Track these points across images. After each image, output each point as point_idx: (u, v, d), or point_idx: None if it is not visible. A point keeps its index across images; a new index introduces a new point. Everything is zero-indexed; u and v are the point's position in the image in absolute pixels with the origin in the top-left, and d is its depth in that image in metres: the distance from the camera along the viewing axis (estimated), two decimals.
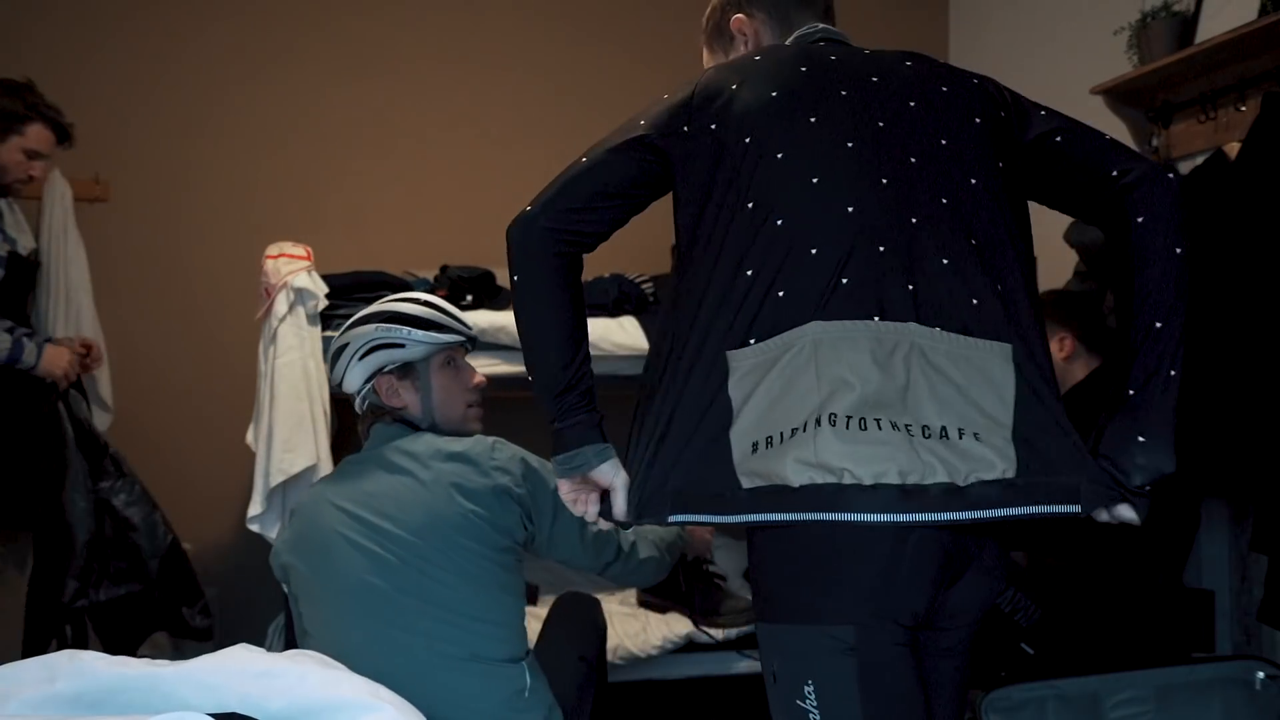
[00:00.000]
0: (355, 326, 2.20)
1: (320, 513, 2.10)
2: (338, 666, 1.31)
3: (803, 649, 1.45)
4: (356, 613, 2.01)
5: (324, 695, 1.19)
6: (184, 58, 3.89)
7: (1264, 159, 2.47)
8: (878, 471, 1.37)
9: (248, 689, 1.20)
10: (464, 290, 3.43)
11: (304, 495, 2.18)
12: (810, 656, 1.45)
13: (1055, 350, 2.77)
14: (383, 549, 2.01)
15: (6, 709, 1.18)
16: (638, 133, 1.61)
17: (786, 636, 1.47)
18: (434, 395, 2.18)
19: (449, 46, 4.07)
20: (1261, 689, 2.38)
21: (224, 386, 3.81)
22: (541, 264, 1.62)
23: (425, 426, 2.18)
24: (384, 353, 2.16)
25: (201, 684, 1.19)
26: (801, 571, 1.46)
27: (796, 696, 1.44)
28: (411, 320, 2.16)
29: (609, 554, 2.18)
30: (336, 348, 2.22)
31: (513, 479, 2.06)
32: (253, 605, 3.74)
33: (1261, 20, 2.63)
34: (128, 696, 1.20)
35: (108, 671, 1.22)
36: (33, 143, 3.12)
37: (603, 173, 1.61)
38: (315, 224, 3.84)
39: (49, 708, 1.19)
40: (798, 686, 1.45)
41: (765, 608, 1.51)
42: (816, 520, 1.38)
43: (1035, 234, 1.69)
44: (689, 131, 1.59)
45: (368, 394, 2.21)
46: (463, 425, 2.21)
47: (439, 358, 2.20)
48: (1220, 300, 2.53)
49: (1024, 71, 3.89)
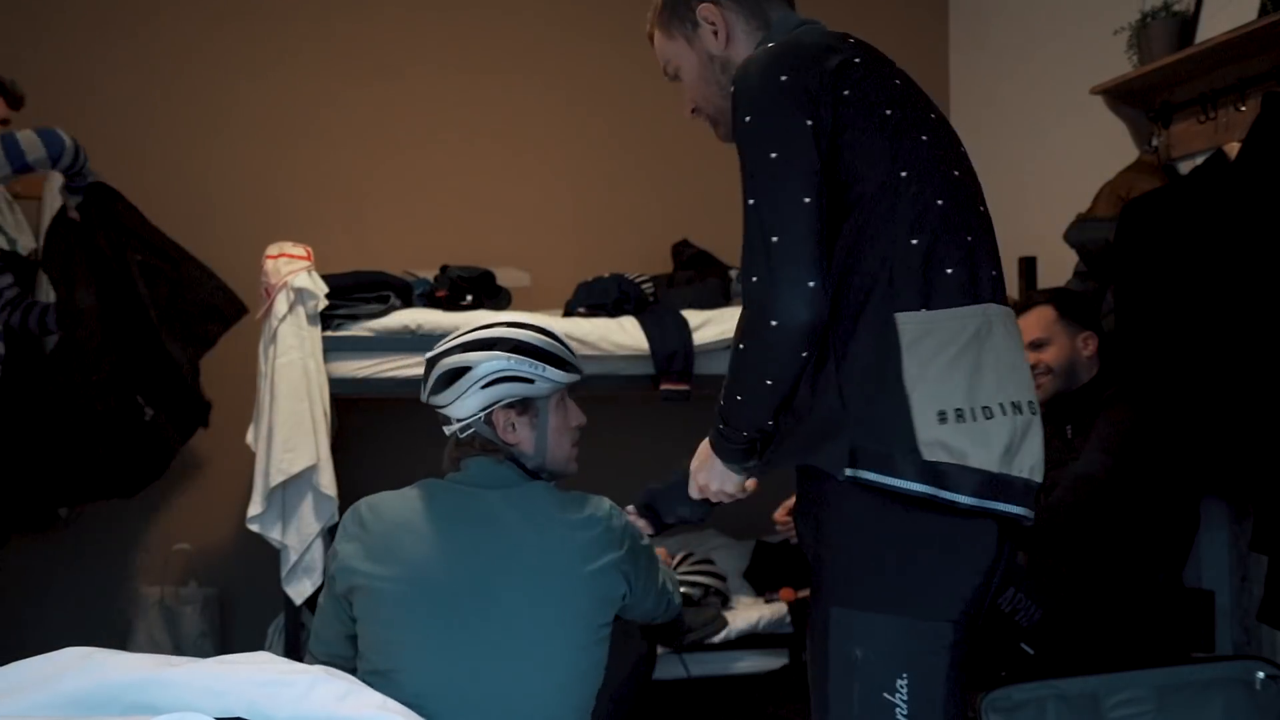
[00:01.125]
0: (474, 350, 2.01)
1: (416, 543, 1.93)
2: (350, 680, 1.30)
3: (902, 641, 1.44)
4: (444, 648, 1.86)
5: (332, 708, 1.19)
6: (184, 59, 3.89)
7: (1264, 159, 2.47)
8: (1031, 465, 1.50)
9: (255, 696, 1.19)
10: (464, 290, 3.43)
11: (387, 508, 1.99)
12: (909, 650, 1.44)
13: (1080, 348, 2.78)
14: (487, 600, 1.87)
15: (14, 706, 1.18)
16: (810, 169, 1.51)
17: (883, 626, 1.45)
18: (549, 435, 2.04)
19: (449, 48, 4.07)
20: (1261, 689, 2.38)
21: (224, 387, 3.80)
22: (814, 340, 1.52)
23: (533, 466, 2.03)
24: (511, 385, 1.99)
25: (208, 688, 1.19)
26: (922, 560, 1.46)
27: (885, 689, 1.43)
28: (546, 357, 2.01)
29: (665, 604, 2.12)
30: (452, 369, 2.02)
31: (628, 549, 1.96)
32: (253, 605, 3.74)
33: (1261, 20, 2.63)
34: (134, 697, 1.20)
35: (115, 672, 1.22)
36: None
37: (818, 217, 1.50)
38: (315, 224, 3.83)
39: (55, 706, 1.19)
40: (889, 679, 1.43)
41: (858, 592, 1.46)
42: (989, 509, 1.45)
43: (1034, 233, 1.72)
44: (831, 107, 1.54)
45: (477, 424, 2.02)
46: (566, 466, 2.08)
47: (557, 395, 2.05)
48: (1220, 300, 2.53)
49: (1024, 71, 3.89)
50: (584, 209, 4.11)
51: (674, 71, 1.83)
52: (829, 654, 1.47)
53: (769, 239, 1.48)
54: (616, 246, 3.91)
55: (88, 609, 3.74)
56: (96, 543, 3.77)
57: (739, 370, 1.56)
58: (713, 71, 1.78)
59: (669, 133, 3.97)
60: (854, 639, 1.45)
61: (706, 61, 1.78)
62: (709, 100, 1.79)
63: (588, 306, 3.43)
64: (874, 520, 1.47)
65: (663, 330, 3.32)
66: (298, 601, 3.12)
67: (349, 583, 1.92)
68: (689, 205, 4.09)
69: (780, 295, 1.46)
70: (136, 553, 3.77)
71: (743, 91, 1.57)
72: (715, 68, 1.77)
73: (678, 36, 1.80)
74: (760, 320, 1.49)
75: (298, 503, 3.11)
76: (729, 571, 3.66)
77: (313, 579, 3.11)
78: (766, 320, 1.48)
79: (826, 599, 1.49)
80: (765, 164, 1.51)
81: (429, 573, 1.89)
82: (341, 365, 3.23)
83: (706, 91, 1.79)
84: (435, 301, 3.39)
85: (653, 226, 4.06)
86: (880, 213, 1.52)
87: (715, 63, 1.78)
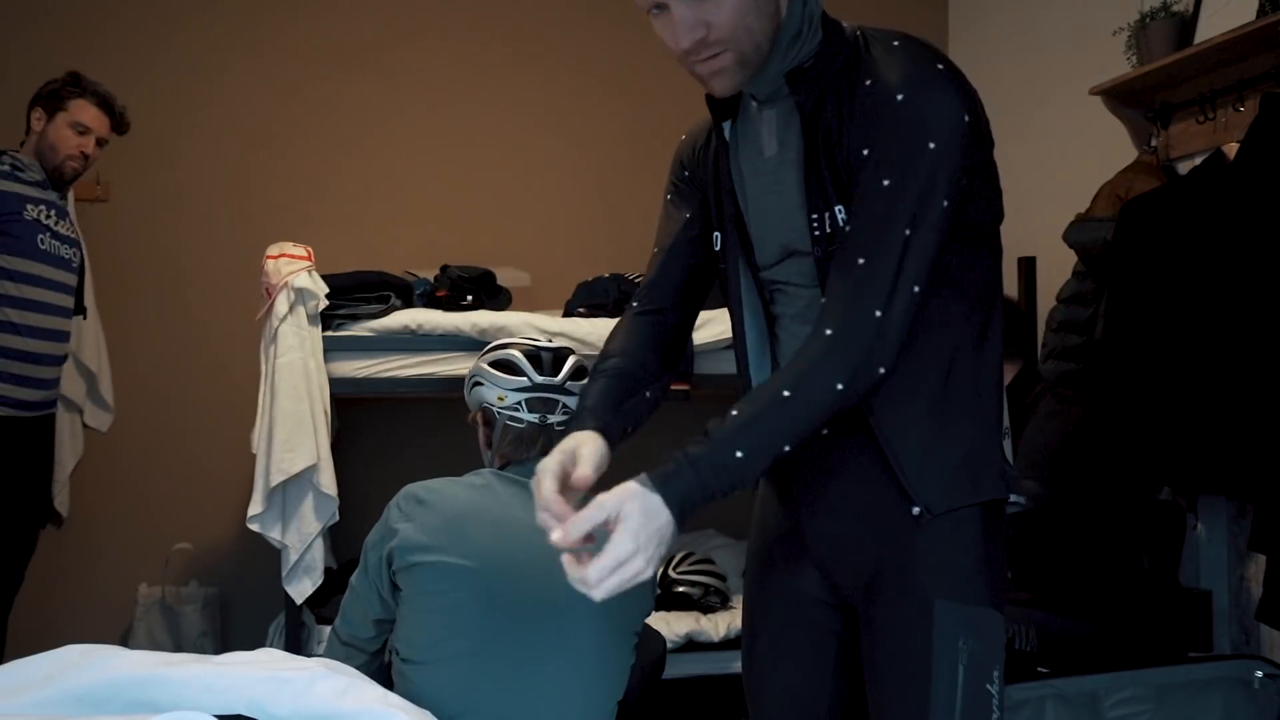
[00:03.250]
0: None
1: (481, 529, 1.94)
2: (351, 673, 1.30)
3: (996, 635, 1.46)
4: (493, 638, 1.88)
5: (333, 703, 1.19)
6: (185, 59, 3.89)
7: (1263, 159, 2.47)
8: None
9: (255, 693, 1.19)
10: (464, 290, 3.43)
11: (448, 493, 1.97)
12: (1000, 643, 1.47)
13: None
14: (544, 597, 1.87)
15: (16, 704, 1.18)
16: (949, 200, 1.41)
17: (988, 620, 1.46)
18: None
19: (450, 48, 4.07)
20: (1260, 688, 2.38)
21: (224, 387, 3.81)
22: None
23: None
24: None
25: (209, 686, 1.19)
26: (998, 556, 1.50)
27: (986, 680, 1.44)
28: None
29: None
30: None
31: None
32: (253, 605, 3.75)
33: (1261, 20, 2.63)
34: (135, 694, 1.20)
35: (116, 669, 1.22)
36: (78, 115, 3.11)
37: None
38: (315, 224, 3.84)
39: (54, 705, 1.20)
40: (988, 671, 1.45)
41: (966, 586, 1.46)
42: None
43: (1034, 233, 1.73)
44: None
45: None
46: None
47: None
48: (1219, 300, 2.54)
49: (1024, 71, 3.89)
50: (584, 209, 4.11)
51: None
52: (933, 646, 1.45)
53: (911, 288, 1.36)
54: (616, 246, 3.90)
55: (88, 609, 3.75)
56: (96, 543, 3.77)
57: (816, 410, 1.36)
58: (769, 3, 1.41)
59: (669, 132, 3.95)
60: (965, 632, 1.44)
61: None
62: (750, 35, 1.40)
63: (588, 306, 3.43)
64: (979, 524, 1.49)
65: None
66: (298, 601, 3.12)
67: (407, 560, 1.90)
68: None
69: (890, 351, 1.37)
70: (136, 553, 3.78)
71: (934, 111, 1.37)
72: (772, 1, 1.41)
73: None
74: (869, 364, 1.36)
75: (298, 502, 3.11)
76: (729, 571, 3.67)
77: (313, 579, 3.11)
78: (876, 367, 1.36)
79: (926, 594, 1.46)
80: (934, 210, 1.37)
81: (492, 560, 1.89)
82: (341, 365, 3.23)
83: (753, 24, 1.40)
84: (435, 301, 3.39)
85: (653, 227, 4.05)
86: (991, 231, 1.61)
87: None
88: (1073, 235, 3.12)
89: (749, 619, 1.71)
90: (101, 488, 3.75)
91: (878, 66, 1.41)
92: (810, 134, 1.45)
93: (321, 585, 3.14)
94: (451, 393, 3.45)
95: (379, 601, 1.98)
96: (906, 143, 1.36)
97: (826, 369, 1.35)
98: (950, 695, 1.42)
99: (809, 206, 1.45)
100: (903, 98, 1.37)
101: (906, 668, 1.45)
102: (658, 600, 3.43)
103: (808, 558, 1.61)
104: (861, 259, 1.37)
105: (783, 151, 1.50)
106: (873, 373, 1.36)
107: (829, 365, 1.35)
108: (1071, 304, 3.15)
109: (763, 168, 1.53)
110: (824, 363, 1.35)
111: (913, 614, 1.45)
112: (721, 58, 1.41)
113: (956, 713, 1.42)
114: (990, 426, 1.50)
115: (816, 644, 1.61)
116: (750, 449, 1.33)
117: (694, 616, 3.42)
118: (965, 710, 1.42)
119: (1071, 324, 3.14)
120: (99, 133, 3.16)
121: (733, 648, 3.35)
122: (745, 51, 1.41)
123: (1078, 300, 3.13)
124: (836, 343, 1.36)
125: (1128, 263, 2.84)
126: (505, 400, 2.10)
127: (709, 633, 3.35)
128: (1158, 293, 2.73)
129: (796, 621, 1.63)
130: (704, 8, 1.37)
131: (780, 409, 1.35)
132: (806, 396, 1.35)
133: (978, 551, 1.47)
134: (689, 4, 1.37)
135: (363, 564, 2.01)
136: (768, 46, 1.42)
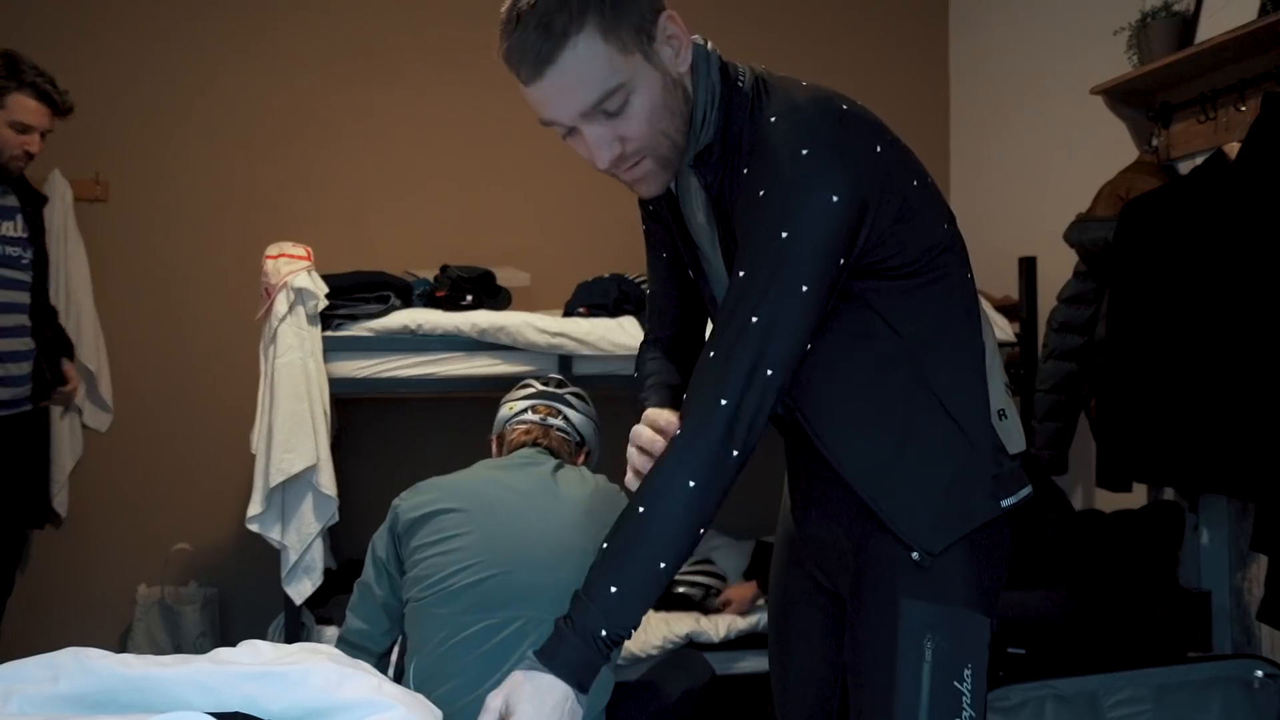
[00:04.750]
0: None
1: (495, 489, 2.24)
2: (346, 661, 1.30)
3: (971, 634, 1.47)
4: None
5: (329, 695, 1.19)
6: (185, 58, 3.89)
7: (1264, 159, 2.47)
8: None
9: (250, 690, 1.19)
10: (464, 290, 3.43)
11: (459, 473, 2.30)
12: (976, 642, 1.48)
13: None
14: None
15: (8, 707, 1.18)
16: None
17: (960, 619, 1.47)
18: None
19: (450, 48, 4.06)
20: (1260, 688, 2.38)
21: (223, 387, 3.81)
22: None
23: None
24: None
25: (203, 685, 1.19)
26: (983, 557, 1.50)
27: (954, 678, 1.46)
28: None
29: None
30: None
31: None
32: (253, 605, 3.75)
33: (1261, 20, 2.63)
34: (130, 696, 1.20)
35: (110, 671, 1.22)
36: (18, 114, 2.91)
37: None
38: (315, 224, 3.84)
39: (51, 707, 1.19)
40: (958, 669, 1.46)
41: (944, 587, 1.48)
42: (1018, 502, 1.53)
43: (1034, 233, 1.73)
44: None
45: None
46: None
47: None
48: (1220, 300, 2.53)
49: (1024, 71, 3.89)
50: (584, 209, 4.11)
51: (618, 104, 1.35)
52: (898, 642, 1.47)
53: (764, 372, 1.35)
54: (616, 246, 3.90)
55: (87, 609, 3.75)
56: (96, 543, 3.77)
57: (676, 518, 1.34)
58: (675, 99, 1.40)
59: None
60: (932, 629, 1.47)
61: (670, 86, 1.39)
62: (666, 138, 1.41)
63: (588, 306, 3.43)
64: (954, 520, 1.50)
65: None
66: (298, 601, 3.12)
67: (410, 518, 2.19)
68: None
69: (743, 435, 1.35)
70: (136, 553, 3.77)
71: (802, 201, 1.33)
72: (678, 95, 1.41)
73: (634, 51, 1.35)
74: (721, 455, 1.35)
75: (298, 503, 3.11)
76: (729, 571, 3.66)
77: (312, 579, 3.11)
78: (729, 453, 1.35)
79: (892, 590, 1.49)
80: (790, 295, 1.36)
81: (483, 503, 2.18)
82: (341, 365, 3.23)
83: (665, 126, 1.40)
84: (435, 301, 3.39)
85: None
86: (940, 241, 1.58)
87: (678, 88, 1.41)
88: (1073, 235, 3.11)
89: (773, 617, 1.79)
90: (101, 488, 3.75)
91: (757, 148, 1.40)
92: (719, 214, 1.48)
93: (321, 585, 3.14)
94: (451, 393, 3.46)
95: (388, 583, 2.20)
96: (761, 232, 1.35)
97: (677, 470, 1.34)
98: (915, 693, 1.45)
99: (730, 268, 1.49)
100: (763, 193, 1.36)
101: (876, 659, 1.48)
102: (658, 601, 3.44)
103: (808, 557, 1.68)
104: (712, 351, 1.38)
105: (707, 225, 1.53)
106: (726, 462, 1.34)
107: (679, 465, 1.35)
108: (1072, 304, 3.15)
109: (698, 230, 1.56)
110: (674, 464, 1.35)
111: (882, 611, 1.49)
112: (642, 165, 1.42)
113: (921, 709, 1.44)
114: (973, 442, 1.48)
115: (833, 634, 1.66)
116: (624, 581, 1.32)
117: (694, 617, 3.42)
118: (931, 708, 1.44)
119: (1072, 324, 3.14)
120: (41, 127, 2.98)
121: (733, 648, 3.35)
122: (663, 154, 1.42)
123: (1078, 300, 3.13)
124: (685, 439, 1.36)
125: (1129, 263, 2.83)
126: (515, 409, 2.43)
127: (709, 633, 3.35)
128: (1159, 293, 2.73)
129: (810, 616, 1.70)
130: (615, 125, 1.37)
131: (641, 529, 1.34)
132: (663, 507, 1.34)
133: (958, 553, 1.48)
134: (599, 125, 1.37)
135: (370, 556, 2.24)
136: (684, 139, 1.44)
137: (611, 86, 1.34)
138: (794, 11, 4.20)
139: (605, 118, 1.36)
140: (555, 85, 1.34)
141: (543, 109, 1.38)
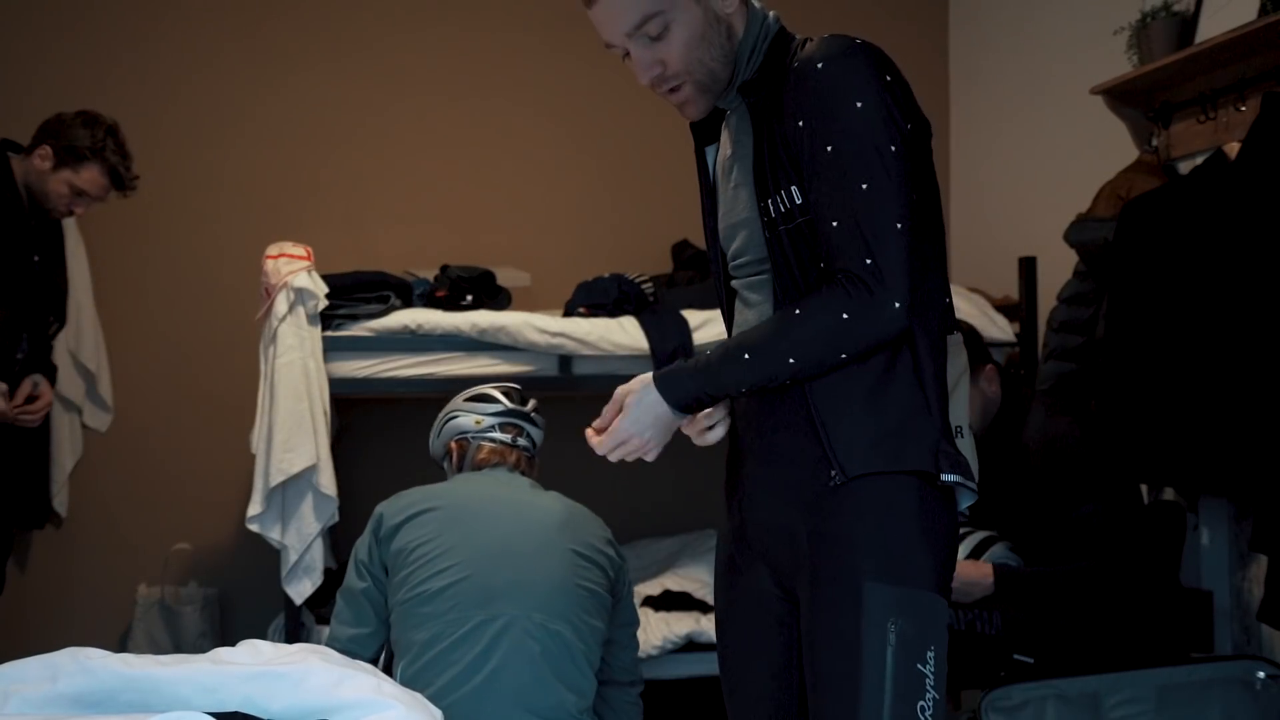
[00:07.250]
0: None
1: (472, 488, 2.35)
2: (345, 662, 1.30)
3: (932, 616, 1.51)
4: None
5: (328, 695, 1.19)
6: (185, 58, 3.89)
7: (1264, 159, 2.47)
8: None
9: (249, 690, 1.19)
10: (464, 290, 3.43)
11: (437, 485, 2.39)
12: (936, 624, 1.52)
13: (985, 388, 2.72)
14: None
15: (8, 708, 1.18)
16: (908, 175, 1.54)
17: (922, 602, 1.51)
18: None
19: (450, 48, 4.07)
20: (1262, 689, 2.38)
21: (224, 387, 3.81)
22: None
23: None
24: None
25: (202, 685, 1.19)
26: (940, 540, 1.55)
27: (918, 661, 1.49)
28: None
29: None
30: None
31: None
32: (253, 605, 3.75)
33: (1261, 20, 2.63)
34: (129, 696, 1.20)
35: (109, 671, 1.22)
36: (82, 182, 3.04)
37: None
38: (315, 224, 3.83)
39: (50, 707, 1.19)
40: (921, 651, 1.50)
41: (896, 568, 1.51)
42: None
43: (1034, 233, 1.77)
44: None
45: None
46: None
47: None
48: (1220, 300, 2.53)
49: (1024, 71, 3.89)
50: (584, 209, 4.11)
51: (658, 29, 1.55)
52: (862, 627, 1.49)
53: (895, 225, 1.47)
54: (616, 246, 3.91)
55: (87, 609, 3.75)
56: (96, 543, 3.77)
57: (817, 335, 1.49)
58: (717, 34, 1.58)
59: (669, 132, 3.96)
60: (896, 613, 1.49)
61: (712, 21, 1.57)
62: (703, 66, 1.58)
63: (588, 306, 3.43)
64: (913, 502, 1.53)
65: (663, 330, 3.32)
66: (298, 601, 3.12)
67: (392, 524, 2.23)
68: (689, 205, 4.05)
69: (899, 287, 1.47)
70: (136, 553, 3.77)
71: (852, 75, 1.50)
72: (721, 31, 1.59)
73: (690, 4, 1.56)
74: (875, 302, 1.47)
75: (298, 503, 3.11)
76: None
77: (313, 579, 3.11)
78: (886, 302, 1.46)
79: (855, 575, 1.51)
80: (884, 156, 1.48)
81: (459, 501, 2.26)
82: (341, 365, 3.23)
83: (703, 56, 1.57)
84: (435, 301, 3.39)
85: (653, 226, 4.06)
86: (936, 235, 1.63)
87: (721, 25, 1.59)
88: (1073, 235, 3.11)
89: (720, 626, 1.78)
90: (101, 488, 3.75)
91: (803, 50, 1.58)
92: (757, 124, 1.59)
93: (321, 586, 3.14)
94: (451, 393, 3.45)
95: (371, 583, 2.23)
96: (836, 106, 1.50)
97: (831, 301, 1.48)
98: (879, 676, 1.48)
99: (759, 193, 1.58)
100: (822, 65, 1.51)
101: (837, 648, 1.51)
102: (658, 601, 3.45)
103: (756, 555, 1.68)
104: (835, 222, 1.49)
105: (738, 149, 1.65)
106: (885, 307, 1.47)
107: (832, 299, 1.49)
108: (1072, 304, 3.15)
109: (725, 169, 1.68)
110: (829, 297, 1.49)
111: (843, 595, 1.52)
112: (682, 90, 1.61)
113: (886, 692, 1.47)
114: (930, 412, 1.56)
115: (783, 641, 1.67)
116: (757, 354, 1.51)
117: (694, 617, 3.41)
118: (896, 690, 1.47)
119: (1072, 324, 3.14)
120: (99, 199, 3.11)
121: None
122: (701, 80, 1.60)
123: (1078, 300, 3.13)
124: (836, 288, 1.49)
125: (1129, 263, 2.83)
126: (482, 424, 2.44)
127: (709, 633, 3.35)
128: (1159, 293, 2.73)
129: (760, 621, 1.69)
130: (656, 48, 1.57)
131: (790, 324, 1.51)
132: (812, 319, 1.49)
133: (912, 532, 1.52)
134: (643, 47, 1.57)
135: (352, 563, 2.28)
136: (725, 70, 1.60)
137: (650, 11, 1.54)
138: (794, 12, 4.17)
139: (648, 41, 1.56)
140: (605, 7, 1.56)
141: (601, 29, 1.59)
